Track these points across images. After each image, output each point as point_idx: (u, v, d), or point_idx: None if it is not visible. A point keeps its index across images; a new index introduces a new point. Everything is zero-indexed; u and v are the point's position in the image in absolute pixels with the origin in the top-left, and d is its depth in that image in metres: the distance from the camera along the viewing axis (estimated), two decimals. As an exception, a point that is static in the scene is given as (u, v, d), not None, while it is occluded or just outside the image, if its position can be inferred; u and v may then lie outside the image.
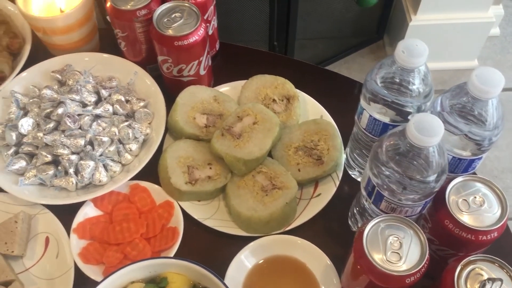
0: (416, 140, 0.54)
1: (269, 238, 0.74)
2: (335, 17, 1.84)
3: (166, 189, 0.79)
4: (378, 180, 0.61)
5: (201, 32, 0.80)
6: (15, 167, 0.79)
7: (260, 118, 0.79)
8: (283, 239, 0.74)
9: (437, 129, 0.54)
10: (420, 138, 0.54)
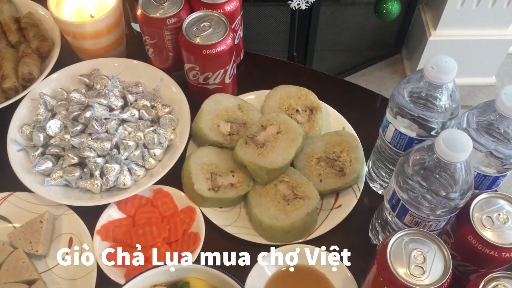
0: (445, 155, 0.55)
1: (290, 247, 0.74)
2: (354, 29, 1.85)
3: (189, 194, 0.80)
4: (403, 194, 0.61)
5: (229, 42, 0.81)
6: (41, 168, 0.80)
7: (283, 128, 0.80)
8: (301, 248, 0.74)
9: (466, 145, 0.55)
10: (449, 153, 0.55)
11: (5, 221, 0.79)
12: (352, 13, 1.79)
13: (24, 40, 0.96)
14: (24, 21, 0.96)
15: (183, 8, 0.83)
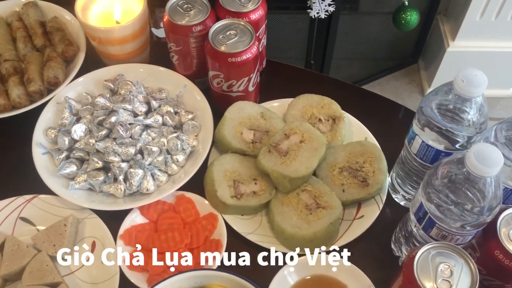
0: (475, 169, 0.55)
1: (310, 257, 0.74)
2: (371, 38, 1.85)
3: (211, 201, 0.80)
4: (431, 206, 0.61)
5: (254, 50, 0.81)
6: (66, 171, 0.81)
7: (307, 137, 0.80)
8: (326, 259, 0.74)
9: (496, 160, 0.55)
10: (480, 167, 0.54)
11: (28, 224, 0.80)
12: (370, 23, 1.79)
13: (49, 44, 0.97)
14: (49, 25, 0.98)
15: (209, 16, 0.84)
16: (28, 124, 0.87)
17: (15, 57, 0.96)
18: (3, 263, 0.73)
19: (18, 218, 0.80)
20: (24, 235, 0.78)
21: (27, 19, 0.99)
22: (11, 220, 0.79)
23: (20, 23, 0.99)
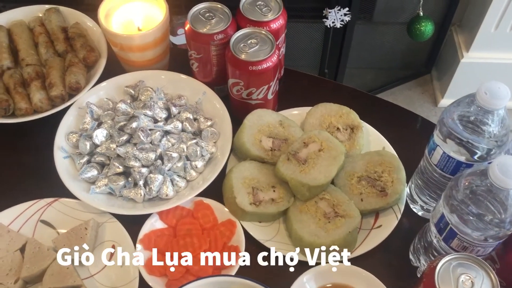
0: (499, 181, 0.55)
1: (329, 265, 0.74)
2: (385, 48, 1.86)
3: (230, 208, 0.81)
4: (452, 217, 0.61)
5: (274, 59, 0.82)
6: (87, 175, 0.82)
7: (325, 145, 0.81)
8: (344, 267, 0.74)
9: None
10: (503, 179, 0.55)
11: (49, 227, 0.81)
12: (384, 32, 1.80)
13: (71, 50, 0.98)
14: (71, 31, 0.99)
15: (230, 25, 0.85)
16: (48, 128, 0.88)
17: (37, 62, 0.98)
18: (24, 265, 0.74)
19: (38, 221, 0.81)
20: (44, 238, 0.79)
21: (49, 24, 1.01)
22: (32, 222, 0.80)
23: (42, 29, 1.01)
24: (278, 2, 0.88)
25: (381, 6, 1.69)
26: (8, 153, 0.91)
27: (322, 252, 0.75)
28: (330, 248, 0.75)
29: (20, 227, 0.80)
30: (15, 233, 0.78)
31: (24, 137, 0.92)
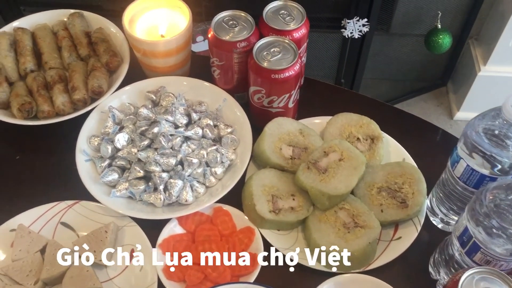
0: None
1: (348, 276, 0.74)
2: (401, 59, 1.86)
3: (249, 215, 0.81)
4: (477, 231, 0.61)
5: (297, 68, 0.83)
6: (108, 179, 0.83)
7: (346, 155, 0.81)
8: (363, 278, 0.74)
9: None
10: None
11: (69, 229, 0.81)
12: (401, 44, 1.80)
13: (94, 54, 0.99)
14: (95, 36, 1.00)
15: (254, 33, 0.86)
16: (70, 131, 0.89)
17: (59, 65, 0.99)
18: (44, 267, 0.75)
19: (59, 223, 0.81)
20: (64, 240, 0.79)
21: (72, 29, 1.02)
22: (52, 224, 0.81)
23: (66, 33, 1.02)
24: (301, 12, 0.88)
25: (398, 17, 1.69)
26: (30, 155, 0.92)
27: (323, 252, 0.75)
28: (330, 248, 0.75)
29: (41, 228, 0.81)
30: (36, 234, 0.79)
31: (46, 139, 0.93)
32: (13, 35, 1.02)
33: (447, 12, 1.64)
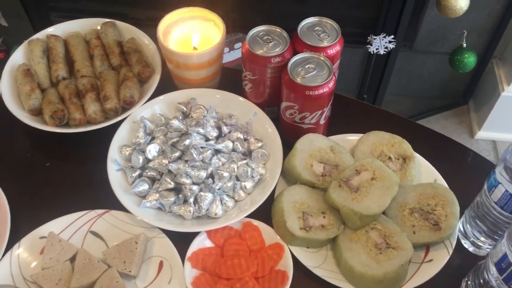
0: None
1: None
2: (424, 76, 1.85)
3: (278, 231, 0.80)
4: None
5: (331, 85, 0.83)
6: (138, 189, 0.83)
7: (378, 174, 0.80)
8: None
9: None
10: None
11: (98, 238, 0.81)
12: (424, 61, 1.79)
13: (125, 64, 1.00)
14: (127, 46, 1.01)
15: (288, 49, 0.86)
16: (100, 140, 0.89)
17: (91, 74, 1.00)
18: (74, 276, 0.75)
19: (88, 231, 0.81)
20: (93, 249, 0.79)
21: (105, 38, 1.03)
22: (82, 233, 0.81)
23: (98, 41, 1.03)
24: (335, 29, 0.88)
25: (423, 34, 1.68)
26: (61, 162, 0.93)
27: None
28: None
29: (70, 236, 0.81)
30: (66, 243, 0.79)
31: (76, 147, 0.93)
32: (46, 42, 1.03)
33: (472, 31, 1.63)
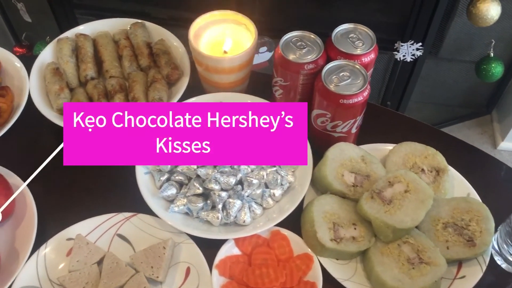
0: None
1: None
2: (447, 84, 1.82)
3: (308, 241, 0.79)
4: None
5: (366, 94, 0.81)
6: (166, 193, 0.82)
7: (412, 187, 0.78)
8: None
9: None
10: None
11: (125, 241, 0.81)
12: (448, 69, 1.76)
13: (154, 66, 0.99)
14: (156, 47, 1.00)
15: (322, 56, 0.84)
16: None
17: (120, 75, 0.99)
18: (101, 280, 0.74)
19: (115, 234, 0.81)
20: (119, 252, 0.78)
21: (134, 38, 1.02)
22: (109, 236, 0.80)
23: (127, 42, 1.03)
24: (370, 36, 0.87)
25: (449, 42, 1.66)
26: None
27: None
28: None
29: (97, 239, 0.80)
30: (94, 246, 0.78)
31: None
32: (75, 41, 1.02)
33: (499, 40, 1.60)
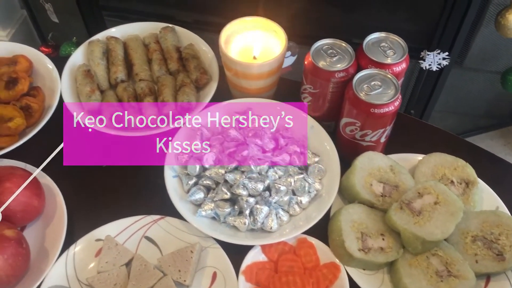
0: None
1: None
2: (471, 94, 1.80)
3: (335, 250, 0.79)
4: None
5: (397, 104, 0.81)
6: (194, 197, 0.82)
7: (442, 199, 0.78)
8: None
9: None
10: None
11: (152, 244, 0.81)
12: (473, 79, 1.74)
13: (183, 70, 1.00)
14: (185, 52, 1.01)
15: (353, 64, 0.84)
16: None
17: (149, 78, 1.00)
18: (130, 282, 0.74)
19: (143, 237, 0.81)
20: (147, 255, 0.79)
21: (164, 42, 1.03)
22: (136, 238, 0.81)
23: (157, 46, 1.04)
24: (402, 46, 0.87)
25: (474, 52, 1.64)
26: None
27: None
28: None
29: (125, 240, 0.81)
30: (123, 247, 0.79)
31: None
32: (106, 44, 1.04)
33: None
